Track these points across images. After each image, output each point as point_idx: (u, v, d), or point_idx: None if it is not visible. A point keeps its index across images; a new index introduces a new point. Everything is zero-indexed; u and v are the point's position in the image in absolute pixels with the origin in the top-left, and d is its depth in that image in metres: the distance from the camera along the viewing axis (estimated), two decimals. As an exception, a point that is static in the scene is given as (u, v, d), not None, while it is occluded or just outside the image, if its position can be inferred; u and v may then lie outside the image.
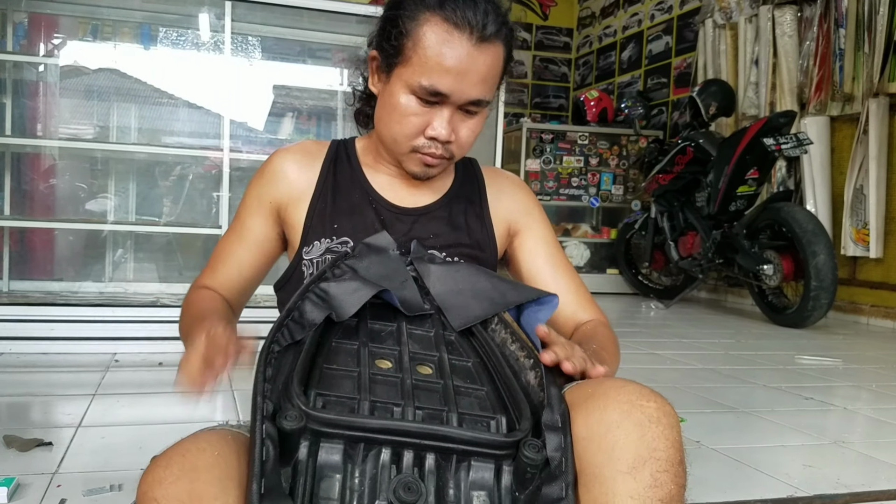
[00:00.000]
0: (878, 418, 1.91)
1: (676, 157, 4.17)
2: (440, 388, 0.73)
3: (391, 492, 0.61)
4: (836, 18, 3.89)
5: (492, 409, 0.70)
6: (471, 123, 0.96)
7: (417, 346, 0.81)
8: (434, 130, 0.93)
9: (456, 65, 0.89)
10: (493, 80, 0.94)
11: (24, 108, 2.84)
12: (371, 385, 0.70)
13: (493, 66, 0.92)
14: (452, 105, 0.93)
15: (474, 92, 0.92)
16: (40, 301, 2.40)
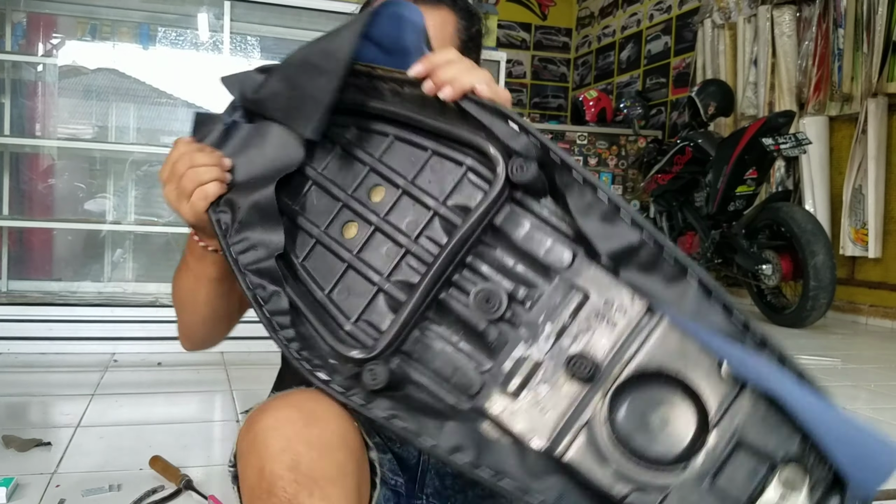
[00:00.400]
0: (876, 418, 1.91)
1: (675, 157, 4.17)
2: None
3: (475, 307, 0.65)
4: (835, 18, 3.90)
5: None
6: None
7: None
8: None
9: None
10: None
11: (22, 108, 2.84)
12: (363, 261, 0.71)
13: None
14: None
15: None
16: (39, 301, 2.40)
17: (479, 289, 0.66)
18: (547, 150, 0.64)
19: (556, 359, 0.63)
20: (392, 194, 0.71)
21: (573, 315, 0.63)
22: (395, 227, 0.70)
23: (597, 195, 0.62)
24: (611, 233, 0.62)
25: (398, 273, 0.70)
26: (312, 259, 0.72)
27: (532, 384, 0.63)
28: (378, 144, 0.73)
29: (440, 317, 0.67)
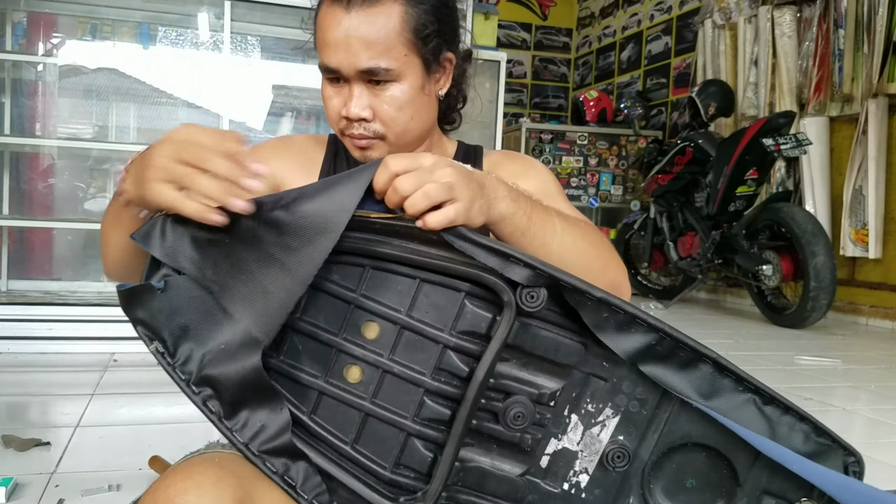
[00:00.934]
0: (876, 419, 1.91)
1: (676, 158, 4.17)
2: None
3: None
4: (836, 19, 3.90)
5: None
6: (387, 97, 0.87)
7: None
8: (346, 110, 0.87)
9: (333, 36, 0.84)
10: (385, 44, 0.84)
11: (22, 108, 2.84)
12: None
13: (379, 27, 0.83)
14: (356, 80, 0.86)
15: (361, 60, 0.84)
16: (39, 301, 2.39)
17: (509, 410, 0.66)
18: (557, 279, 0.64)
19: (590, 447, 0.68)
20: (390, 330, 0.66)
21: (595, 402, 0.67)
22: (407, 367, 0.66)
23: (612, 308, 0.64)
24: (628, 338, 0.65)
25: (424, 411, 0.66)
26: (323, 410, 0.66)
27: (571, 476, 0.68)
28: (353, 276, 0.66)
29: (475, 440, 0.67)
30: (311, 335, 0.66)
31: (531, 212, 0.70)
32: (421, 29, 0.86)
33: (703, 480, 0.68)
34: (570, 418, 0.67)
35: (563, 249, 0.72)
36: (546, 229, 0.71)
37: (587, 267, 0.73)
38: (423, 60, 0.87)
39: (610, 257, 0.80)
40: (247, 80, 2.99)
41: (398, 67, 0.85)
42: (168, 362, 0.63)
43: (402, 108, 0.88)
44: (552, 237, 0.71)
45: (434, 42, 0.88)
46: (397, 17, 0.84)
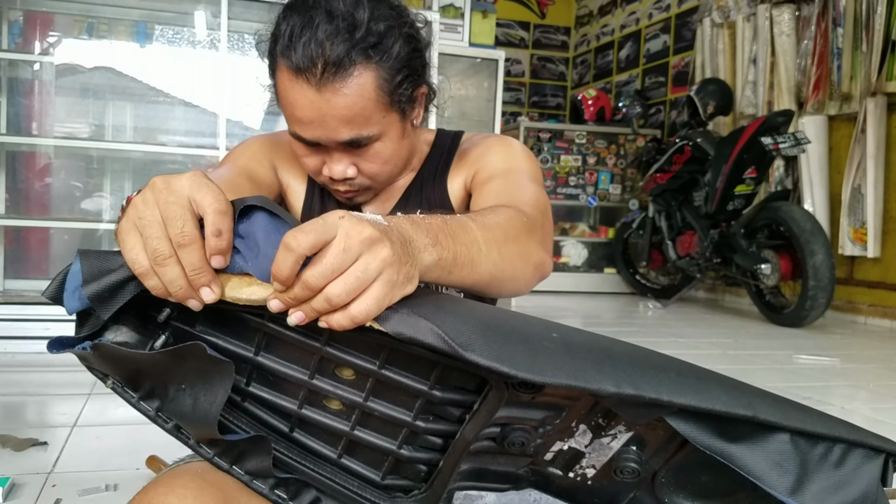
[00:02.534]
0: (875, 417, 1.91)
1: (674, 157, 4.17)
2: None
3: None
4: (834, 17, 3.90)
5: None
6: (370, 156, 0.84)
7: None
8: (329, 171, 0.85)
9: (306, 115, 0.79)
10: (364, 115, 0.80)
11: (19, 107, 2.83)
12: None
13: (354, 101, 0.78)
14: (336, 147, 0.83)
15: (341, 135, 0.80)
16: (35, 300, 2.39)
17: (508, 437, 0.60)
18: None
19: (598, 451, 0.62)
20: (365, 378, 0.59)
21: (606, 419, 0.61)
22: (389, 407, 0.60)
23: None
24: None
25: (412, 440, 0.62)
26: (306, 425, 0.63)
27: (578, 469, 0.64)
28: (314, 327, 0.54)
29: (473, 456, 0.63)
30: (280, 375, 0.60)
31: (453, 244, 0.60)
32: (396, 86, 0.81)
33: (720, 474, 0.60)
34: (579, 427, 0.62)
35: (491, 264, 0.64)
36: (471, 250, 0.62)
37: (513, 269, 0.69)
38: (400, 110, 0.84)
39: (530, 244, 0.73)
40: (243, 79, 2.98)
41: (379, 130, 0.82)
42: (130, 396, 0.58)
43: (387, 162, 0.86)
44: (478, 257, 0.63)
45: (409, 88, 0.84)
46: (371, 84, 0.79)
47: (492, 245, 0.65)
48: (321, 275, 0.48)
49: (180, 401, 0.56)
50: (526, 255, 0.72)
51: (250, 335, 0.59)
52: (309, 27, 0.77)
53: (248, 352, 0.59)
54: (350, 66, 0.77)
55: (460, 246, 0.60)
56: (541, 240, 0.78)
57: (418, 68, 0.86)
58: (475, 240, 0.63)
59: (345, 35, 0.77)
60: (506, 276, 0.68)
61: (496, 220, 0.70)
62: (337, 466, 0.64)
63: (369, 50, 0.78)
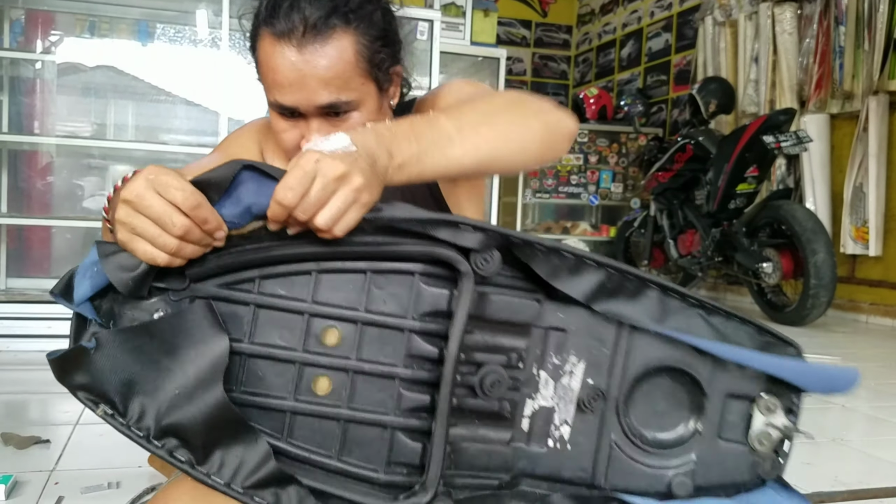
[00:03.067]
0: (876, 416, 1.91)
1: (676, 155, 4.16)
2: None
3: None
4: (836, 16, 3.89)
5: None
6: (346, 127, 0.85)
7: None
8: (305, 143, 0.84)
9: (287, 77, 0.81)
10: (343, 78, 0.82)
11: (20, 105, 2.84)
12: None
13: (334, 62, 0.81)
14: (314, 115, 0.85)
15: (320, 98, 0.82)
16: (38, 299, 2.39)
17: (485, 379, 0.66)
18: (507, 237, 0.65)
19: (564, 398, 0.70)
20: (351, 331, 0.65)
21: (559, 353, 0.69)
22: (376, 363, 0.65)
23: (561, 255, 0.66)
24: (580, 280, 0.68)
25: (404, 402, 0.65)
26: (299, 431, 0.64)
27: (553, 432, 0.69)
28: (302, 285, 0.64)
29: (457, 419, 0.67)
30: (269, 356, 0.64)
31: (416, 145, 0.68)
32: (374, 55, 0.84)
33: (672, 402, 0.72)
34: (540, 375, 0.69)
35: (471, 148, 0.72)
36: (440, 143, 0.70)
37: (509, 143, 0.76)
38: (378, 83, 0.87)
39: (527, 112, 0.79)
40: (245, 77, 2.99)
41: (357, 97, 0.84)
42: (121, 422, 0.60)
43: None
44: (450, 148, 0.70)
45: (386, 62, 0.87)
46: (350, 48, 0.82)
47: (468, 131, 0.72)
48: (308, 210, 0.59)
49: (180, 402, 0.59)
50: (524, 123, 0.77)
51: (238, 323, 0.63)
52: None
53: (238, 342, 0.62)
54: (330, 28, 0.80)
55: (426, 144, 0.69)
56: (539, 106, 0.80)
57: (395, 44, 0.89)
58: (444, 133, 0.71)
59: (325, 0, 0.81)
60: (501, 153, 0.75)
61: (474, 106, 0.77)
62: (335, 472, 0.64)
63: (349, 14, 0.82)
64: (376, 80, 0.86)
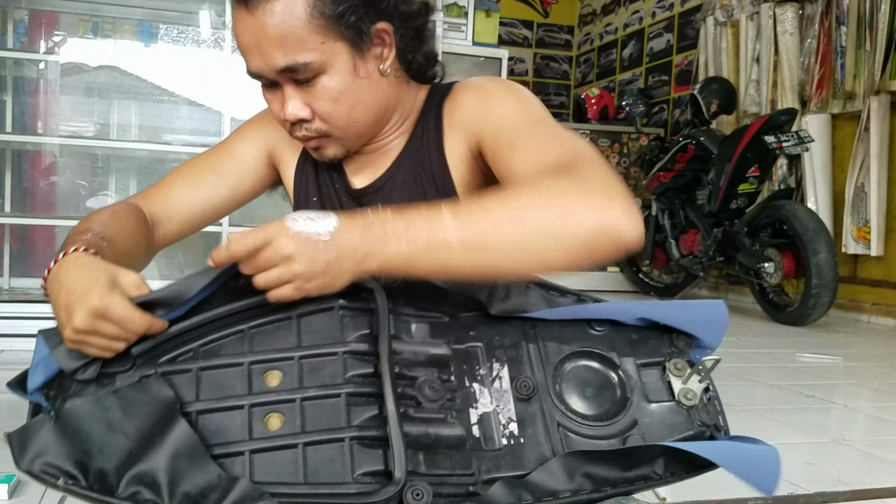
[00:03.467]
0: (878, 416, 1.91)
1: (677, 155, 4.16)
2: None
3: None
4: (838, 16, 3.89)
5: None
6: (318, 92, 0.81)
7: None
8: (283, 113, 0.83)
9: (244, 41, 0.80)
10: (295, 36, 0.77)
11: (24, 106, 2.84)
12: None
13: (283, 20, 0.77)
14: (284, 81, 0.82)
15: (276, 60, 0.79)
16: (40, 299, 2.39)
17: (423, 387, 0.70)
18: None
19: (501, 399, 0.74)
20: (290, 368, 0.69)
21: (483, 364, 0.75)
22: (320, 387, 0.68)
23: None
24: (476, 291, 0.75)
25: (353, 416, 0.68)
26: (261, 468, 0.65)
27: (503, 431, 0.73)
28: (236, 343, 0.70)
29: (410, 424, 0.69)
30: (218, 409, 0.67)
31: (406, 248, 0.64)
32: (333, 7, 0.78)
33: (596, 384, 0.76)
34: (473, 386, 0.73)
35: (474, 259, 0.65)
36: (439, 252, 0.64)
37: (544, 259, 0.65)
38: (349, 42, 0.80)
39: (565, 215, 0.64)
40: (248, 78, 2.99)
41: (318, 58, 0.79)
42: (81, 488, 0.61)
43: (338, 100, 0.82)
44: (449, 258, 0.64)
45: (355, 17, 0.79)
46: (300, 3, 0.77)
47: (474, 245, 0.64)
48: (249, 267, 0.65)
49: (140, 453, 0.63)
50: (556, 236, 0.63)
51: (185, 388, 0.67)
52: None
53: (188, 403, 0.66)
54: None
55: (420, 247, 0.64)
56: (597, 198, 0.64)
57: (374, 2, 0.81)
58: (443, 241, 0.63)
59: None
60: (510, 267, 0.67)
61: (495, 208, 0.65)
62: (306, 497, 0.65)
63: None
64: (345, 37, 0.79)
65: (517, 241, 0.64)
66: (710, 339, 0.78)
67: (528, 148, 0.77)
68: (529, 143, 0.78)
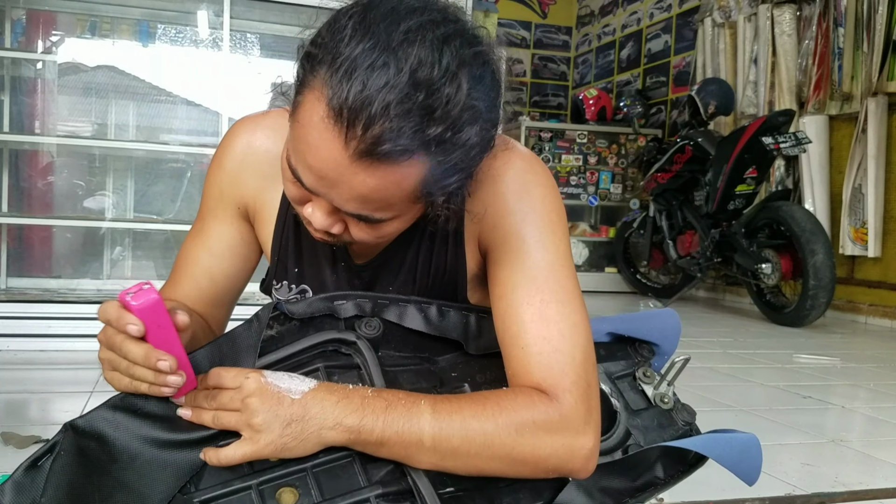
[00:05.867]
0: (875, 417, 1.91)
1: (675, 156, 4.17)
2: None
3: None
4: (835, 17, 3.90)
5: None
6: (365, 227, 0.68)
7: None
8: (308, 213, 0.68)
9: (320, 168, 0.62)
10: (389, 202, 0.64)
11: (22, 105, 2.84)
12: None
13: (385, 186, 0.61)
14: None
15: (347, 207, 0.64)
16: (38, 298, 2.39)
17: None
18: (374, 299, 0.78)
19: None
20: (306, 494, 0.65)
21: (476, 382, 0.76)
22: (327, 450, 0.66)
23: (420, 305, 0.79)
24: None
25: (371, 474, 0.67)
26: None
27: None
28: (235, 471, 0.65)
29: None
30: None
31: (384, 420, 0.64)
32: (437, 188, 0.64)
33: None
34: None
35: (451, 464, 0.66)
36: (408, 450, 0.64)
37: (503, 471, 0.67)
38: (430, 203, 0.68)
39: (537, 447, 0.66)
40: (246, 78, 2.99)
41: (393, 215, 0.66)
42: None
43: (382, 236, 0.70)
44: (418, 455, 0.65)
45: (450, 194, 0.68)
46: (414, 178, 0.62)
47: (445, 452, 0.64)
48: (207, 400, 0.66)
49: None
50: (519, 462, 0.66)
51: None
52: (383, 72, 0.57)
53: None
54: (403, 158, 0.59)
55: (392, 434, 0.63)
56: (562, 438, 0.66)
57: (466, 175, 0.66)
58: (416, 438, 0.64)
59: (416, 118, 0.58)
60: (476, 472, 0.67)
61: (471, 424, 0.65)
62: None
63: (435, 146, 0.60)
64: (427, 203, 0.68)
65: (483, 458, 0.65)
66: (668, 346, 0.84)
67: (524, 321, 0.71)
68: (526, 314, 0.71)
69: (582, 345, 0.71)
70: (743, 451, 0.73)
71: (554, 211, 0.76)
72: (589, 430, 0.67)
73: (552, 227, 0.75)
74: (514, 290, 0.72)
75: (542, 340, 0.70)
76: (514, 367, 0.71)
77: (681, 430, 0.78)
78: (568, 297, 0.73)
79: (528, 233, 0.74)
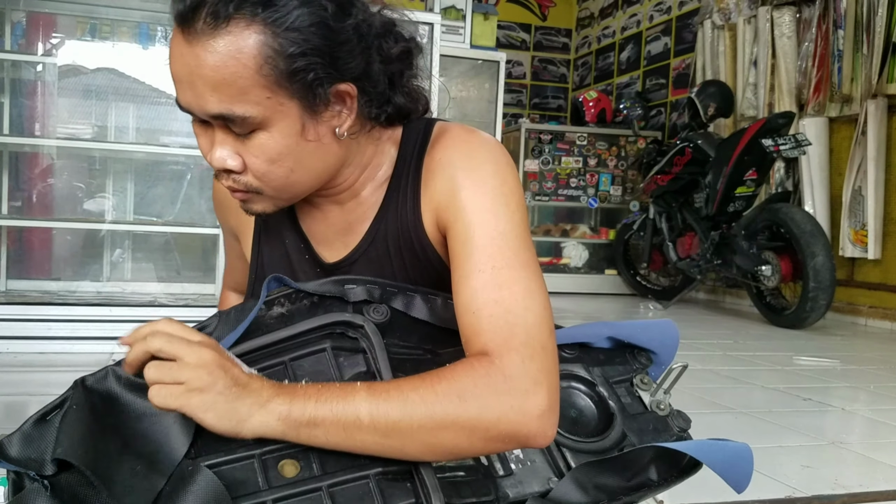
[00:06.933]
0: (875, 419, 1.91)
1: (675, 158, 4.17)
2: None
3: None
4: (835, 20, 3.90)
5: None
6: (253, 148, 0.70)
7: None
8: (209, 156, 0.72)
9: (177, 71, 0.68)
10: (237, 86, 0.66)
11: (22, 108, 2.84)
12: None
13: (224, 60, 0.65)
14: (216, 123, 0.70)
15: (208, 104, 0.67)
16: (38, 300, 2.39)
17: None
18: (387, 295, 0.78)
19: None
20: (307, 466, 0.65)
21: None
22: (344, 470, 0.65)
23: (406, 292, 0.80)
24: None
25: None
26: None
27: (510, 456, 0.74)
28: (237, 443, 0.64)
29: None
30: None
31: (319, 402, 0.62)
32: (289, 62, 0.66)
33: (579, 404, 0.81)
34: None
35: (390, 444, 0.63)
36: (346, 422, 0.62)
37: (452, 443, 0.63)
38: (301, 101, 0.69)
39: (481, 416, 0.63)
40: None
41: (259, 113, 0.67)
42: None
43: (276, 161, 0.71)
44: (356, 429, 0.62)
45: (312, 76, 0.68)
46: (251, 50, 0.65)
47: (383, 426, 0.62)
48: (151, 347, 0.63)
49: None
50: (466, 430, 0.63)
51: None
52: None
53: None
54: (227, 18, 0.64)
55: (326, 413, 0.62)
56: (509, 398, 0.64)
57: (338, 56, 0.69)
58: (353, 417, 0.62)
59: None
60: (425, 450, 0.64)
61: (412, 398, 0.63)
62: None
63: (258, 6, 0.65)
64: (301, 99, 0.68)
65: (429, 430, 0.63)
66: (666, 356, 0.86)
67: (475, 288, 0.71)
68: (478, 281, 0.71)
69: (536, 309, 0.69)
70: (735, 458, 0.75)
71: (506, 184, 0.76)
72: (540, 391, 0.64)
73: (505, 200, 0.74)
74: (466, 261, 0.72)
75: (492, 304, 0.69)
76: (467, 333, 0.70)
77: (676, 436, 0.80)
78: (521, 263, 0.71)
79: (479, 205, 0.74)
